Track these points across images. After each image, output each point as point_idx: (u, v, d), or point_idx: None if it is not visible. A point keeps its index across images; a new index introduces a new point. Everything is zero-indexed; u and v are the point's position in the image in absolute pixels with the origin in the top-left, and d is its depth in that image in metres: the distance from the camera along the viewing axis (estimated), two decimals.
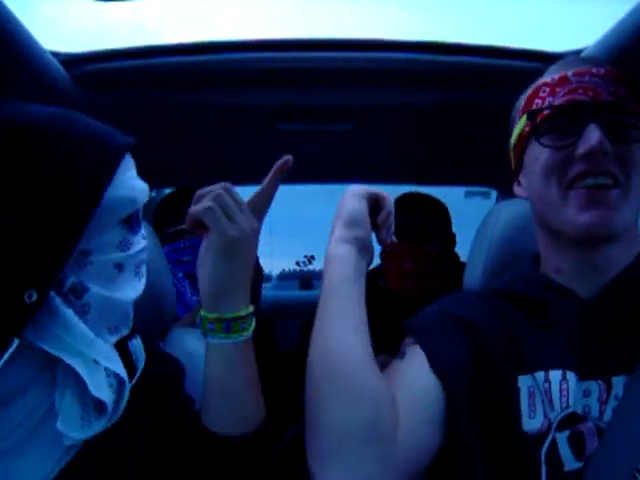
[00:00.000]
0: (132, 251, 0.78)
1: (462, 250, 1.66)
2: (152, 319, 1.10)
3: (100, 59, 1.26)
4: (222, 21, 1.36)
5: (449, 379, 0.75)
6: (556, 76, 0.78)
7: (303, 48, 1.26)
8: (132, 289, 0.79)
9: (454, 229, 1.74)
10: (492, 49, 1.28)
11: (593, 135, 0.72)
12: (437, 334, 0.80)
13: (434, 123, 1.54)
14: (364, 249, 0.83)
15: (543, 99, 0.79)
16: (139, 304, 1.03)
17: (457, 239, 1.76)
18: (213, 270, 0.78)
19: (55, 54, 1.19)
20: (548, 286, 0.82)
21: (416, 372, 0.77)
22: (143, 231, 0.83)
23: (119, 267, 0.77)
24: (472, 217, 1.55)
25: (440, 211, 1.72)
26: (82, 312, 0.72)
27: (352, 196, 0.85)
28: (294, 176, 2.07)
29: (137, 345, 0.83)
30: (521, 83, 0.85)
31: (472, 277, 1.06)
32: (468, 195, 2.42)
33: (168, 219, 1.58)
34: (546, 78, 0.80)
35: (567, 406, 0.71)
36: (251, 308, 0.80)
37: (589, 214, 0.73)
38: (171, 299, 1.14)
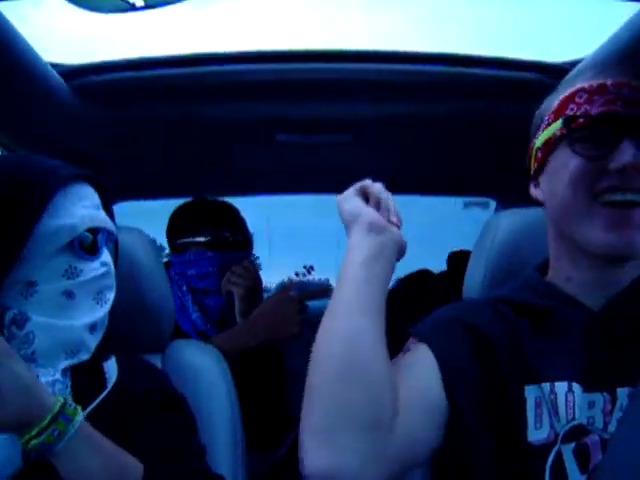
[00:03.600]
0: (84, 278, 0.81)
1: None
2: (149, 332, 1.09)
3: (99, 71, 1.27)
4: (221, 32, 1.36)
5: (455, 387, 0.73)
6: (594, 83, 0.77)
7: (303, 59, 1.26)
8: (88, 315, 0.81)
9: (453, 239, 1.74)
10: (491, 60, 1.28)
11: (628, 151, 0.71)
12: (446, 339, 0.79)
13: (433, 134, 1.54)
14: (376, 228, 0.79)
15: (579, 105, 0.77)
16: (135, 317, 1.03)
17: (456, 249, 1.77)
18: None
19: (54, 65, 1.19)
20: (554, 294, 0.81)
21: (422, 370, 0.75)
22: (105, 258, 0.85)
23: (69, 295, 0.80)
24: (471, 228, 1.55)
25: None
26: (27, 341, 0.77)
27: (342, 201, 0.85)
28: (293, 187, 2.09)
29: (111, 365, 0.88)
30: (520, 94, 0.86)
31: (471, 287, 1.06)
32: (467, 206, 2.42)
33: (178, 230, 1.58)
34: (583, 83, 0.78)
35: (573, 418, 0.70)
36: (55, 402, 0.69)
37: (614, 235, 0.72)
38: (169, 312, 1.13)
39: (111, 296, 0.86)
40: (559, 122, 0.79)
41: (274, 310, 1.44)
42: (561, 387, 0.72)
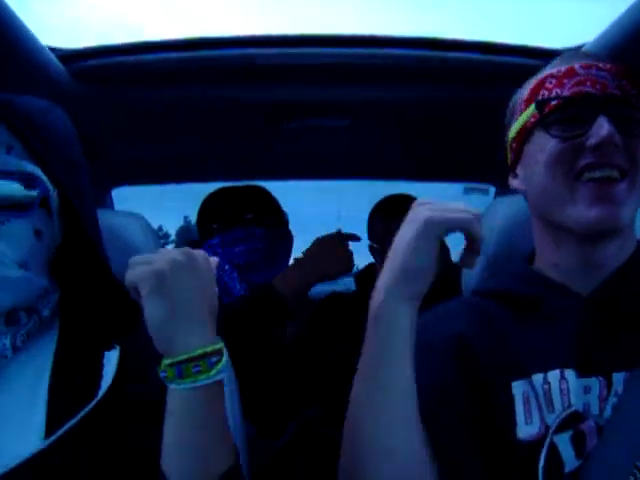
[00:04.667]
0: None
1: (458, 247, 1.64)
2: None
3: (98, 55, 1.26)
4: (220, 17, 1.36)
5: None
6: (562, 68, 0.78)
7: (300, 44, 1.26)
8: None
9: None
10: (491, 45, 1.28)
11: (604, 127, 0.72)
12: (425, 365, 0.77)
13: (432, 119, 1.54)
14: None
15: (550, 90, 0.78)
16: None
17: (453, 235, 1.76)
18: (148, 311, 0.64)
19: (53, 49, 1.19)
20: (542, 282, 0.81)
21: None
22: None
23: None
24: None
25: None
26: None
27: (420, 232, 0.70)
28: (292, 173, 2.08)
29: (112, 359, 0.73)
30: (519, 80, 0.85)
31: (470, 274, 1.06)
32: (467, 191, 2.42)
33: (220, 210, 1.59)
34: (551, 70, 0.79)
35: (569, 405, 0.70)
36: (210, 347, 0.64)
37: (597, 209, 0.73)
38: None
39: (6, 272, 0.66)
40: (531, 108, 0.80)
41: (324, 248, 1.49)
42: (554, 376, 0.72)
